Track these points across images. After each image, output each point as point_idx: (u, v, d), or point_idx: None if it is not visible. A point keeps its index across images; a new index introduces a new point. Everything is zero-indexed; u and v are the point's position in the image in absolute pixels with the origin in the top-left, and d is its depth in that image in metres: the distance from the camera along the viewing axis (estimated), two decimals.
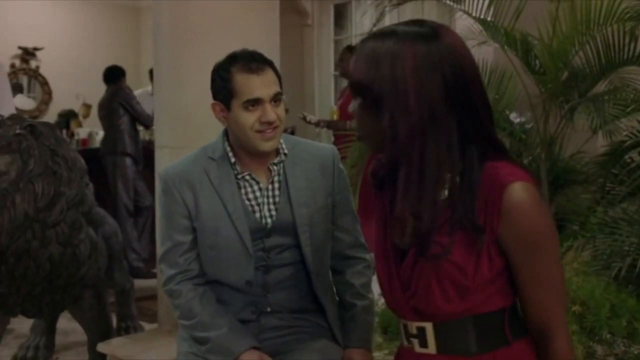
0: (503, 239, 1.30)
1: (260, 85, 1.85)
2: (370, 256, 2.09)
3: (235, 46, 1.94)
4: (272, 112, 1.85)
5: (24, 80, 8.10)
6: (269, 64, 1.90)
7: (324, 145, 2.14)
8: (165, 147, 2.92)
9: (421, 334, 1.40)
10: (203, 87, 2.01)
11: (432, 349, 1.39)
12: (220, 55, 1.93)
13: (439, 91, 1.28)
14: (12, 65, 7.76)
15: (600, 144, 3.48)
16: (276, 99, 1.88)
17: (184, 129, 2.83)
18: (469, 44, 3.71)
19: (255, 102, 1.85)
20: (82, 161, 2.66)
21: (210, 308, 1.92)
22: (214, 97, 1.92)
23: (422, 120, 1.27)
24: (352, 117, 4.85)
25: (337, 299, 2.06)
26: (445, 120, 1.29)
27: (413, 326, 1.41)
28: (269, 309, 1.96)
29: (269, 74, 1.88)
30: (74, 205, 2.48)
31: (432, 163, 1.29)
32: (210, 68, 1.93)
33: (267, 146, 1.88)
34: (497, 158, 1.34)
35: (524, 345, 1.38)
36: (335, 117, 5.36)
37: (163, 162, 2.85)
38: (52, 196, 2.43)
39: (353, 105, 1.37)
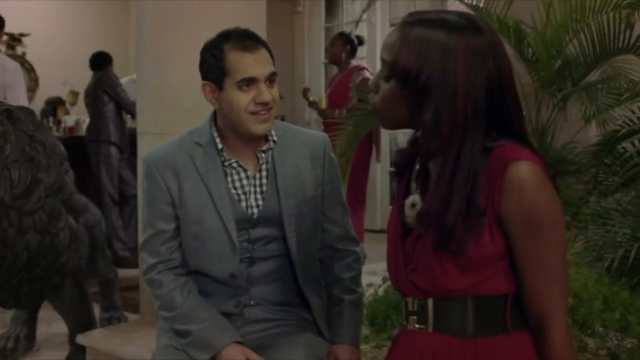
0: (504, 217, 1.29)
1: (255, 63, 1.78)
2: (360, 249, 2.04)
3: (219, 30, 1.85)
4: (267, 93, 1.79)
5: None
6: (263, 43, 1.83)
7: (316, 132, 2.07)
8: (147, 134, 2.84)
9: (420, 309, 1.40)
10: (187, 71, 1.94)
11: (429, 326, 1.39)
12: (204, 39, 1.85)
13: (483, 89, 1.28)
14: None
15: (593, 133, 3.44)
16: (271, 79, 1.81)
17: (167, 115, 2.74)
18: None
19: (250, 82, 1.78)
20: (62, 147, 2.59)
21: (192, 300, 1.85)
22: (204, 77, 1.84)
23: (465, 117, 1.28)
24: (341, 106, 4.79)
25: (325, 292, 2.00)
26: (483, 119, 1.29)
27: (414, 303, 1.41)
28: (252, 302, 1.90)
29: (264, 53, 1.81)
30: (52, 193, 2.42)
31: (467, 160, 1.29)
32: (194, 53, 1.86)
33: (260, 129, 1.81)
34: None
35: (523, 338, 1.36)
36: (323, 106, 5.29)
37: (145, 149, 2.76)
38: (29, 183, 2.36)
39: (380, 82, 1.35)
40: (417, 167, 1.44)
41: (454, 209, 1.29)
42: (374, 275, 2.84)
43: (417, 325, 1.41)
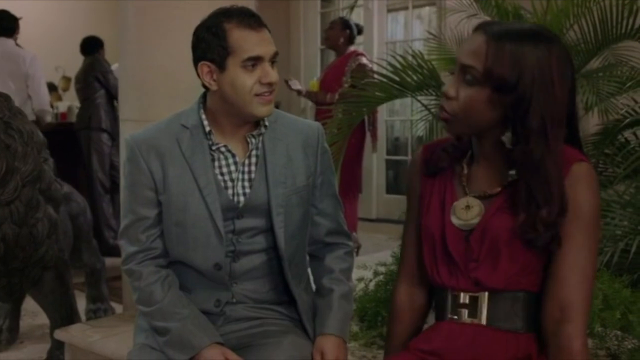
0: None
1: (260, 42, 1.69)
2: (352, 242, 1.96)
3: (207, 11, 1.76)
4: (273, 73, 1.70)
5: None
6: (264, 22, 1.74)
7: (310, 121, 1.97)
8: (129, 121, 2.72)
9: (473, 302, 1.48)
10: (170, 55, 1.82)
11: (482, 319, 1.47)
12: (190, 21, 1.75)
13: (568, 95, 1.41)
14: None
15: (593, 122, 3.35)
16: (274, 59, 1.73)
17: (149, 101, 2.63)
18: (459, 16, 3.59)
19: (256, 61, 1.68)
20: (40, 135, 2.49)
21: (172, 295, 1.75)
22: (202, 58, 1.72)
23: (561, 118, 1.41)
24: (334, 90, 4.67)
25: (314, 286, 1.91)
26: (565, 122, 1.43)
27: (466, 296, 1.49)
28: (234, 300, 1.81)
29: (267, 32, 1.72)
30: (29, 182, 2.33)
31: (559, 158, 1.40)
32: (179, 35, 1.77)
33: (264, 111, 1.72)
34: None
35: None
36: (316, 89, 5.19)
37: None
38: (4, 172, 2.27)
39: (461, 88, 1.42)
40: (465, 171, 1.53)
41: (554, 208, 1.39)
42: (365, 269, 2.75)
43: (468, 318, 1.48)
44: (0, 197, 2.28)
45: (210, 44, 1.70)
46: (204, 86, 1.76)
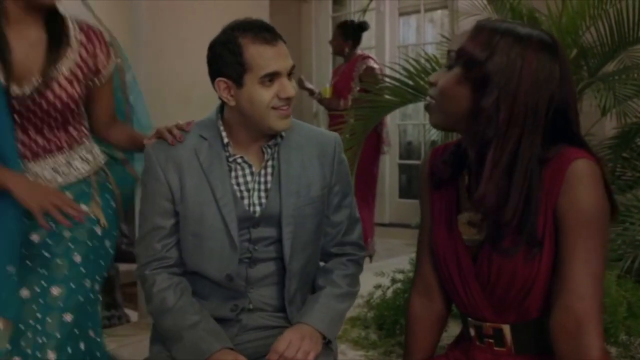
0: (558, 211, 1.34)
1: (277, 57, 1.68)
2: (361, 253, 1.91)
3: (222, 18, 1.75)
4: (290, 87, 1.69)
5: None
6: (279, 34, 1.72)
7: (327, 132, 1.95)
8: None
9: (498, 334, 1.45)
10: (184, 63, 1.82)
11: (511, 349, 1.44)
12: (204, 28, 1.74)
13: (546, 97, 1.34)
14: None
15: (610, 126, 3.32)
16: (291, 72, 1.72)
17: (163, 109, 2.62)
18: (472, 19, 3.56)
19: (273, 77, 1.67)
20: None
21: (184, 301, 1.75)
22: (219, 74, 1.71)
23: (525, 113, 1.33)
24: (345, 96, 4.66)
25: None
26: (542, 124, 1.35)
27: (488, 327, 1.46)
28: (251, 306, 1.80)
29: (283, 45, 1.71)
30: None
31: (525, 157, 1.34)
32: (193, 43, 1.76)
33: (283, 124, 1.72)
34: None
35: None
36: (328, 95, 5.17)
37: None
38: None
39: (443, 75, 1.40)
40: (466, 181, 1.48)
41: (512, 205, 1.34)
42: (382, 276, 2.73)
43: (496, 348, 1.46)
44: None
45: (226, 60, 1.69)
46: (222, 100, 1.76)
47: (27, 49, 1.85)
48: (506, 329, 1.44)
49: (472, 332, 1.50)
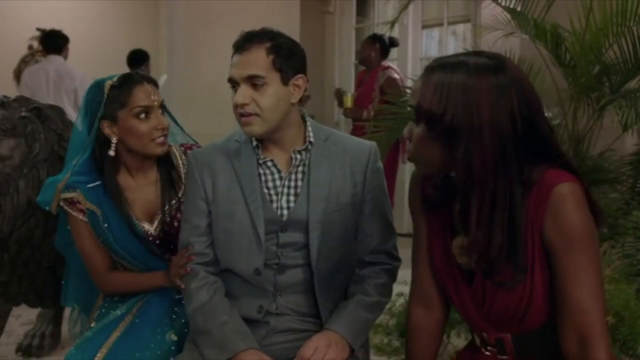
0: (546, 236, 1.37)
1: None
2: (396, 263, 1.93)
3: (253, 26, 1.82)
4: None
5: None
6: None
7: (364, 141, 1.97)
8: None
9: (500, 343, 1.49)
10: (217, 71, 1.88)
11: (511, 357, 1.48)
12: (236, 35, 1.80)
13: (509, 122, 1.34)
14: (30, 47, 7.69)
15: (632, 142, 3.34)
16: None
17: (196, 116, 2.70)
18: (496, 35, 3.60)
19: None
20: None
21: (216, 300, 1.83)
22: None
23: (495, 151, 1.33)
24: (367, 106, 4.67)
25: None
26: (514, 150, 1.35)
27: (491, 337, 1.51)
28: (277, 311, 1.85)
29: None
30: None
31: (503, 193, 1.35)
32: (225, 52, 1.81)
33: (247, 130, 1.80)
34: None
35: None
36: (348, 105, 5.20)
37: None
38: None
39: (414, 130, 1.41)
40: (458, 205, 1.49)
41: (496, 242, 1.36)
42: (405, 285, 2.76)
43: (499, 356, 1.50)
44: None
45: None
46: None
47: (149, 189, 2.09)
48: (507, 338, 1.47)
49: (478, 340, 1.55)
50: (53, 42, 5.70)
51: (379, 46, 5.17)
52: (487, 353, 1.52)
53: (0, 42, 7.36)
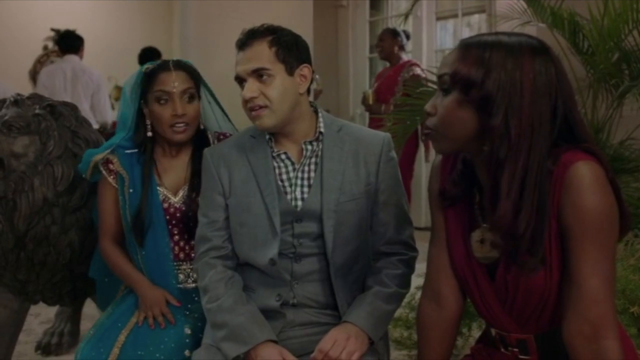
0: (562, 216, 1.33)
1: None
2: (414, 253, 1.92)
3: (267, 22, 1.83)
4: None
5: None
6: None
7: (377, 132, 1.97)
8: None
9: (522, 344, 1.48)
10: (231, 67, 1.87)
11: (534, 357, 1.47)
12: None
13: (548, 96, 1.33)
14: (45, 47, 7.73)
15: None
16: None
17: None
18: (512, 23, 3.55)
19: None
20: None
21: (233, 293, 1.82)
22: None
23: (532, 122, 1.32)
24: (387, 101, 4.67)
25: None
26: (548, 126, 1.34)
27: (513, 338, 1.48)
28: (295, 300, 1.85)
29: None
30: (95, 189, 2.38)
31: (536, 165, 1.32)
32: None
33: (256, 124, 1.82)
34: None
35: None
36: (370, 101, 5.21)
37: None
38: (72, 180, 2.33)
39: (441, 102, 1.39)
40: (477, 197, 1.47)
41: (525, 217, 1.32)
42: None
43: (521, 357, 1.49)
44: (67, 204, 2.34)
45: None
46: None
47: (179, 168, 2.17)
48: (530, 339, 1.46)
49: (496, 337, 1.53)
50: (69, 42, 5.82)
51: (400, 40, 5.18)
52: (507, 353, 1.50)
53: (14, 42, 7.39)
